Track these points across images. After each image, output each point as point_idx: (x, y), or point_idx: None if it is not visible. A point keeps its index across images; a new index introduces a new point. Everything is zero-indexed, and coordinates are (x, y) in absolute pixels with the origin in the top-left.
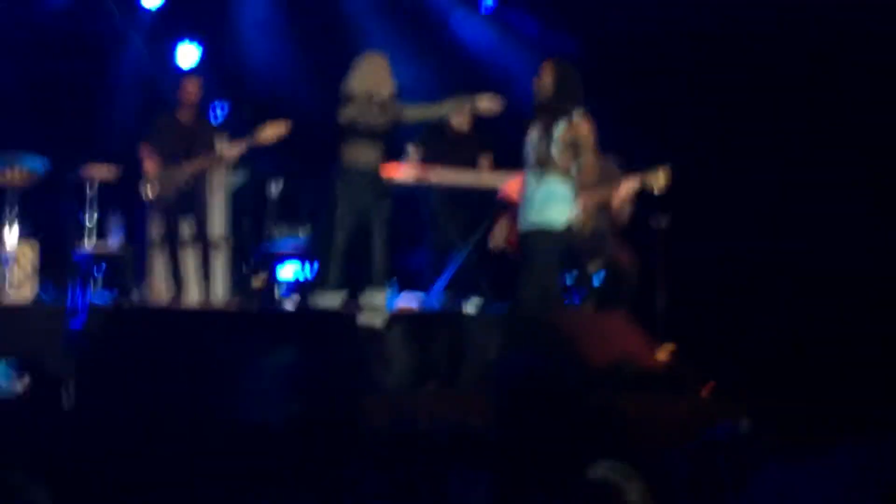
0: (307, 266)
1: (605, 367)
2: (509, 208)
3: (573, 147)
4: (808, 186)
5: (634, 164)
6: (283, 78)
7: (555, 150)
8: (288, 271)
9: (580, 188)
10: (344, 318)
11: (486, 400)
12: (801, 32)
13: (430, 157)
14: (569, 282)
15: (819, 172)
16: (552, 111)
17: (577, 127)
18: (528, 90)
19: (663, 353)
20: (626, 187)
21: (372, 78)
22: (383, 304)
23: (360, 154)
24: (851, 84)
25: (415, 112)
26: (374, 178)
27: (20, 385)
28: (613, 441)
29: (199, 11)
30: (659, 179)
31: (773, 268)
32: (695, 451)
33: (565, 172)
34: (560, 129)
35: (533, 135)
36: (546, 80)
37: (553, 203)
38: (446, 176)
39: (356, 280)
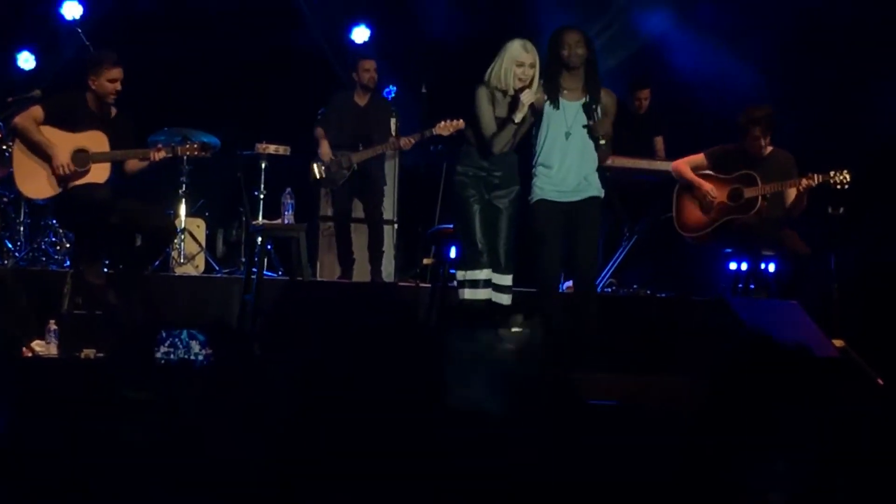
0: None
1: (781, 354)
2: (688, 189)
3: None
4: None
5: (813, 160)
6: (454, 55)
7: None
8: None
9: None
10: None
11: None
12: None
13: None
14: (744, 269)
15: None
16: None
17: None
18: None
19: (836, 346)
20: (807, 182)
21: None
22: (510, 285)
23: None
24: None
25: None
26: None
27: (204, 354)
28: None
29: None
30: (840, 179)
31: None
32: None
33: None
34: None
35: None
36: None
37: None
38: (621, 160)
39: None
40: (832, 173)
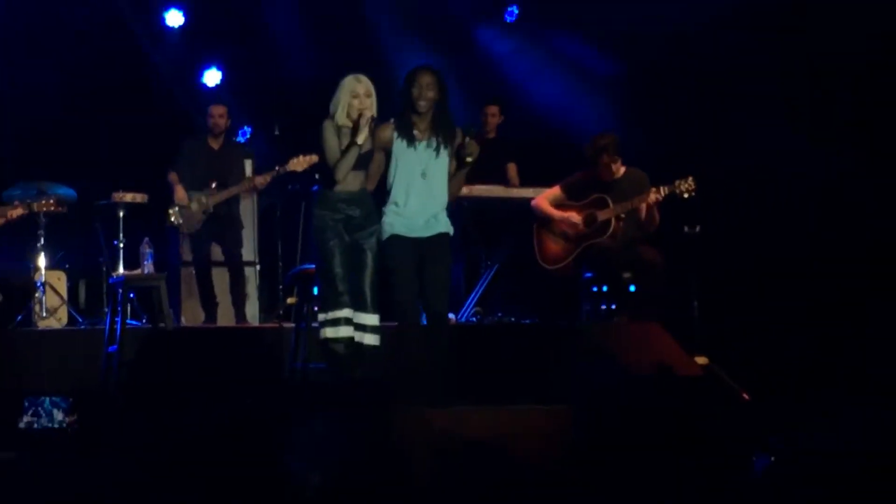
0: None
1: (645, 376)
2: (546, 224)
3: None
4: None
5: (662, 173)
6: (308, 95)
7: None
8: None
9: None
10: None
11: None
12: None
13: None
14: (605, 291)
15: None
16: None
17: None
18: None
19: (699, 363)
20: (655, 195)
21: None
22: (376, 324)
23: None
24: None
25: None
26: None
27: (68, 420)
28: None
29: (222, 30)
30: (686, 187)
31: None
32: None
33: None
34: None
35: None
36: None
37: None
38: (478, 189)
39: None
40: (677, 182)
